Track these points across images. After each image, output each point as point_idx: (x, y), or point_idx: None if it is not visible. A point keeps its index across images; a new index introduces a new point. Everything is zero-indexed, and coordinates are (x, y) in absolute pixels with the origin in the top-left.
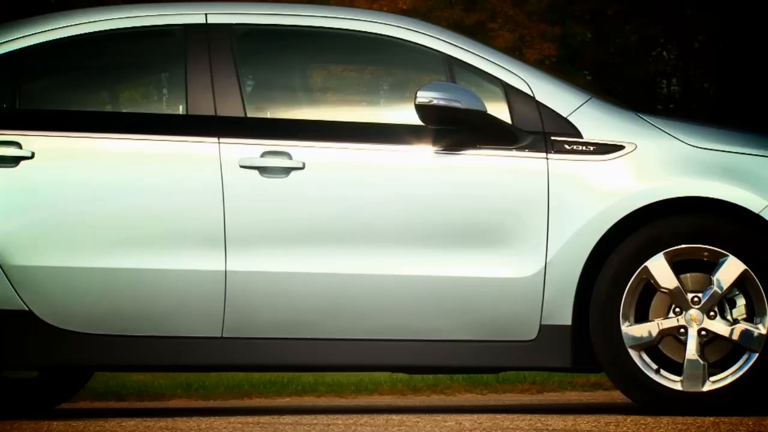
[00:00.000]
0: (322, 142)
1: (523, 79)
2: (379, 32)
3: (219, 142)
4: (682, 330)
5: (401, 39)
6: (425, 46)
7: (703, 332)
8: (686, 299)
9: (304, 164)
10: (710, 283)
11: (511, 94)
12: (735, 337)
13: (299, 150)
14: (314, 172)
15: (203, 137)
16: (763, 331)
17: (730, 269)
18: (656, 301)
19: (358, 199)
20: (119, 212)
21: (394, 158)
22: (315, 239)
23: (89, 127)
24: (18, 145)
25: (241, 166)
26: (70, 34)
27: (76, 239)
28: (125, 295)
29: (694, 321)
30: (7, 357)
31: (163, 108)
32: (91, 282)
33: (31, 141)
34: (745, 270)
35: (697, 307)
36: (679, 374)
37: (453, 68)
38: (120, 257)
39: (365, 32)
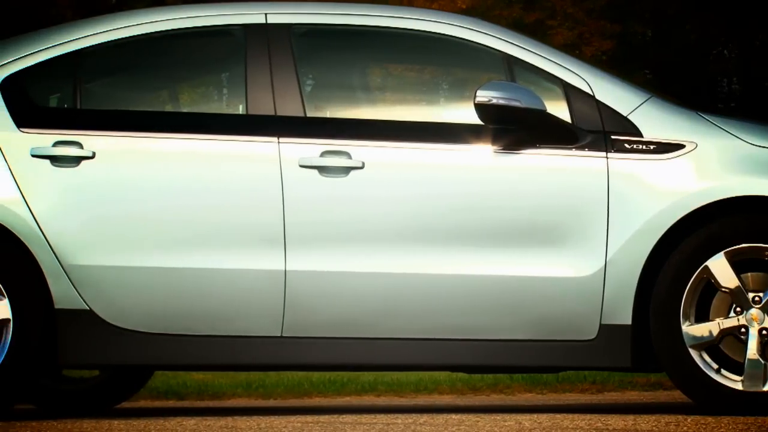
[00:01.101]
0: (382, 141)
1: (582, 78)
2: (438, 31)
3: (278, 142)
4: (742, 329)
5: (460, 38)
6: (485, 45)
7: (764, 331)
8: (747, 299)
9: (363, 164)
10: None
11: (570, 93)
12: None
13: (358, 149)
14: (373, 171)
15: (263, 137)
16: None
17: None
18: (717, 301)
19: (417, 198)
20: (179, 212)
21: (453, 157)
22: (374, 238)
23: (150, 127)
24: (79, 145)
25: (301, 166)
26: (130, 34)
27: (136, 239)
28: (185, 295)
29: (755, 320)
30: (69, 356)
31: (223, 108)
32: (151, 281)
33: (92, 141)
34: None
35: (758, 306)
36: (739, 374)
37: (512, 67)
38: (180, 257)
39: (424, 31)
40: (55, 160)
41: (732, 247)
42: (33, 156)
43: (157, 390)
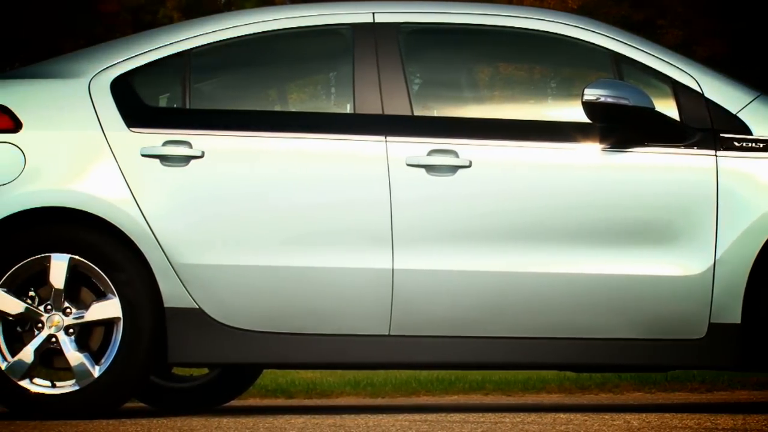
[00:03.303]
0: (489, 140)
1: (691, 76)
2: (546, 30)
3: (386, 141)
4: None
5: (569, 36)
6: (593, 44)
7: None
8: None
9: (470, 162)
10: None
11: (679, 91)
12: None
13: (466, 148)
14: (481, 170)
15: (370, 136)
16: None
17: None
18: None
19: (524, 197)
20: (287, 211)
21: (561, 156)
22: (482, 237)
23: (258, 127)
24: (188, 144)
25: (408, 165)
26: (238, 34)
27: (245, 238)
28: (294, 293)
29: None
30: (178, 354)
31: (331, 107)
32: (259, 280)
33: (201, 140)
34: None
35: None
36: None
37: (621, 65)
38: (288, 255)
39: (532, 30)
40: (165, 159)
41: None
42: (143, 156)
43: (265, 388)
